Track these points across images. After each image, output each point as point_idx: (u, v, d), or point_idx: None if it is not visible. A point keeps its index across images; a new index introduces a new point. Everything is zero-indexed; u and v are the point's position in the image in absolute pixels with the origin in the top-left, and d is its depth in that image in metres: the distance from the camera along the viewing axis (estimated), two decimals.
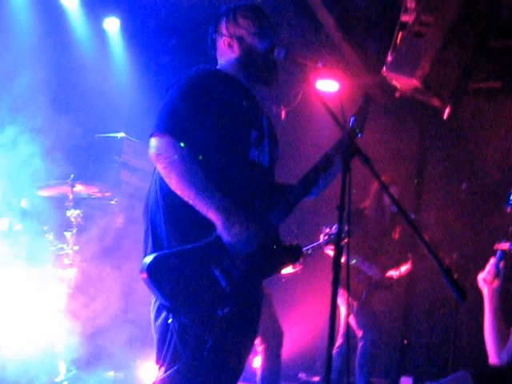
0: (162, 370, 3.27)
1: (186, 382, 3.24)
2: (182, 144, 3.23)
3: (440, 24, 6.36)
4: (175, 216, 3.32)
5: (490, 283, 4.08)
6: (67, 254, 6.69)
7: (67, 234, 6.77)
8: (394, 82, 6.61)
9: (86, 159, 7.68)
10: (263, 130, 3.55)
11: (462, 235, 8.37)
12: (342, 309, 7.00)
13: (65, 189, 6.87)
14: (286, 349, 6.14)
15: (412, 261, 7.57)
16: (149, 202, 3.45)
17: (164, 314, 3.24)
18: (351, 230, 3.16)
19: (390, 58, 6.47)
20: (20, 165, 6.49)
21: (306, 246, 6.26)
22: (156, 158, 3.27)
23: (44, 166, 6.61)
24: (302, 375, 8.84)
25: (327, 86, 7.99)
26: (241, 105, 3.48)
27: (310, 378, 8.68)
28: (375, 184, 7.19)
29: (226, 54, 3.64)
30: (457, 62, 6.47)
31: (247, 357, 3.56)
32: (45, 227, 6.62)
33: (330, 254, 6.48)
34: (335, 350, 7.07)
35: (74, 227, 6.79)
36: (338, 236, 3.01)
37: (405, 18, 6.59)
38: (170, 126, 3.28)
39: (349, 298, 6.89)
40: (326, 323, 2.94)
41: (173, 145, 3.23)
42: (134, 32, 8.76)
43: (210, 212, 3.18)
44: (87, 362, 6.39)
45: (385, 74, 6.49)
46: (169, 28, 8.48)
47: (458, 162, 8.80)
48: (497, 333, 4.06)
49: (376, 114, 3.55)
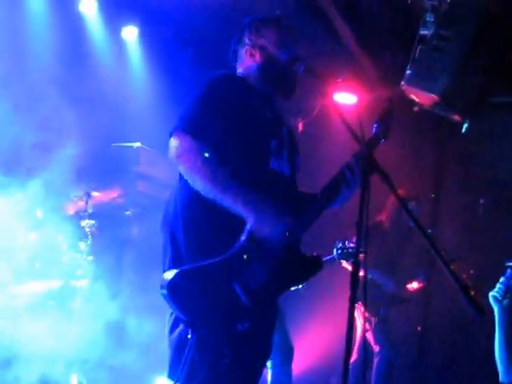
0: None
1: None
2: (202, 145, 3.20)
3: (459, 38, 6.32)
4: (195, 227, 3.29)
5: (501, 301, 4.05)
6: (81, 264, 6.67)
7: (81, 244, 6.76)
8: (412, 96, 6.58)
9: (102, 169, 7.66)
10: (283, 139, 3.53)
11: (479, 251, 8.30)
12: (359, 323, 6.95)
13: (80, 202, 6.87)
14: (300, 364, 6.10)
15: (427, 276, 7.52)
16: (167, 213, 3.43)
17: (181, 327, 3.23)
18: (367, 246, 3.12)
19: (408, 71, 6.43)
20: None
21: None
22: (178, 159, 3.25)
23: (60, 176, 6.63)
24: None
25: (345, 98, 7.96)
26: (260, 112, 3.47)
27: None
28: (392, 197, 7.15)
29: (247, 62, 3.65)
30: (476, 76, 6.43)
31: (262, 372, 3.53)
32: (59, 237, 6.61)
33: (348, 268, 6.44)
34: (350, 366, 6.99)
35: (89, 237, 6.78)
36: (357, 251, 2.99)
37: (424, 31, 6.55)
38: (191, 126, 3.26)
39: (366, 313, 6.85)
40: (341, 338, 2.92)
41: (195, 145, 3.20)
42: (152, 41, 8.76)
43: (241, 207, 3.16)
44: (97, 374, 6.36)
45: (403, 87, 6.46)
46: (187, 37, 8.48)
47: (475, 177, 8.73)
48: (508, 351, 4.02)
49: (394, 127, 3.50)
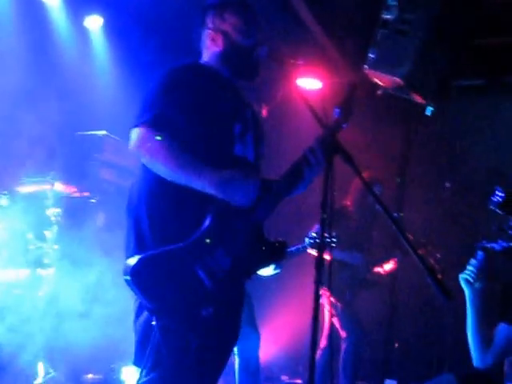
0: (144, 372, 3.23)
1: None
2: (160, 135, 3.20)
3: (422, 21, 6.34)
4: (158, 214, 3.29)
5: (472, 284, 4.07)
6: (47, 252, 6.62)
7: (47, 233, 6.71)
8: (375, 80, 6.59)
9: (66, 156, 7.61)
10: (247, 123, 3.54)
11: (445, 234, 8.36)
12: (326, 310, 6.98)
13: (44, 186, 6.82)
14: (268, 351, 6.11)
15: (396, 259, 7.56)
16: (131, 200, 3.42)
17: (145, 313, 3.22)
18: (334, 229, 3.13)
19: (371, 55, 6.44)
20: None
21: (289, 248, 6.22)
22: (137, 149, 3.26)
23: (24, 163, 6.58)
24: (284, 377, 8.80)
25: (309, 83, 7.96)
26: (222, 98, 3.47)
27: (293, 381, 8.64)
28: (356, 181, 7.15)
29: (210, 47, 3.64)
30: (440, 60, 6.46)
31: (228, 358, 3.53)
32: (24, 225, 6.55)
33: (313, 254, 6.45)
34: (319, 352, 7.03)
35: (54, 226, 6.73)
36: (321, 235, 2.99)
37: (386, 15, 6.56)
38: (150, 118, 3.25)
39: (332, 299, 6.88)
40: (309, 325, 2.92)
41: (153, 134, 3.20)
42: (116, 30, 8.69)
43: (205, 186, 3.17)
44: (66, 363, 6.34)
45: (366, 71, 6.47)
46: (150, 26, 8.43)
47: (442, 161, 8.79)
48: (480, 334, 4.05)
49: (358, 111, 3.51)
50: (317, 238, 6.30)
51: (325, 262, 3.05)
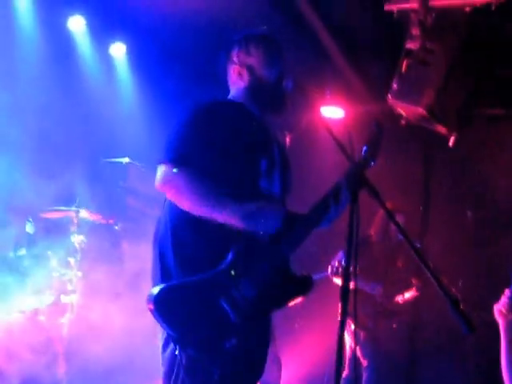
0: None
1: None
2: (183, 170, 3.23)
3: (445, 51, 6.37)
4: (183, 246, 3.30)
5: (506, 315, 4.01)
6: (70, 279, 6.66)
7: (71, 260, 6.75)
8: (399, 110, 6.61)
9: (91, 184, 7.67)
10: (274, 158, 3.55)
11: (468, 262, 8.31)
12: (348, 339, 6.95)
13: (69, 213, 6.87)
14: (290, 380, 6.07)
15: (416, 287, 7.52)
16: (158, 231, 3.44)
17: (171, 345, 3.21)
18: (358, 261, 3.13)
19: (395, 85, 6.46)
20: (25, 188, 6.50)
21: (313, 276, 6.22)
22: (163, 187, 3.28)
23: (49, 190, 6.63)
24: None
25: (332, 112, 7.99)
26: (250, 134, 3.47)
27: None
28: (381, 211, 7.17)
29: (237, 82, 3.66)
30: (462, 90, 6.48)
31: None
32: (49, 252, 6.60)
33: (338, 283, 6.46)
34: (342, 381, 6.97)
35: (78, 253, 6.77)
36: (347, 266, 3.00)
37: (410, 45, 6.59)
38: (176, 155, 3.28)
39: (356, 328, 6.84)
40: (331, 354, 2.91)
41: (179, 173, 3.23)
42: (140, 57, 8.79)
43: (230, 220, 3.20)
44: None
45: (390, 101, 6.49)
46: (174, 54, 8.50)
47: (463, 190, 8.76)
48: None
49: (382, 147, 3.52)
50: (340, 267, 6.31)
51: (350, 292, 3.05)
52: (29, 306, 6.31)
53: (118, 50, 8.80)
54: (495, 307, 4.02)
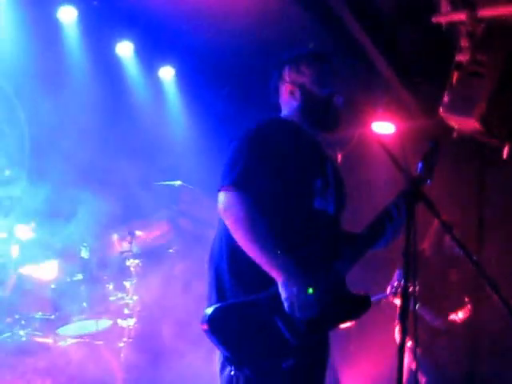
0: None
1: None
2: (247, 198, 3.22)
3: (495, 62, 6.28)
4: (239, 267, 3.30)
5: None
6: (127, 303, 6.69)
7: (127, 284, 6.79)
8: (451, 123, 6.53)
9: (144, 207, 7.72)
10: (328, 178, 3.53)
11: None
12: (405, 356, 6.85)
13: (123, 237, 6.91)
14: None
15: (469, 306, 7.40)
16: (213, 252, 3.45)
17: (229, 366, 3.19)
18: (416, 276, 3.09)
19: (446, 98, 6.39)
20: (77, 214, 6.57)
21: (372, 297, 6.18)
22: (224, 214, 3.29)
23: (103, 215, 6.68)
24: None
25: (383, 128, 7.93)
26: (305, 154, 3.48)
27: None
28: (434, 225, 7.09)
29: (289, 101, 3.67)
30: None
31: None
32: (105, 277, 6.64)
33: (396, 303, 6.40)
34: None
35: (134, 277, 6.81)
36: (405, 283, 2.96)
37: (459, 57, 6.52)
38: (236, 179, 3.29)
39: (410, 344, 6.76)
40: (389, 371, 2.87)
41: (239, 200, 3.24)
42: (189, 80, 8.85)
43: (272, 271, 3.16)
44: None
45: (441, 114, 6.42)
46: (222, 76, 8.55)
47: None
48: None
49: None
50: (399, 287, 6.24)
51: (409, 311, 3.01)
52: (86, 331, 6.35)
53: (167, 74, 8.87)
54: None
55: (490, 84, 6.23)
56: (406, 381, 7.05)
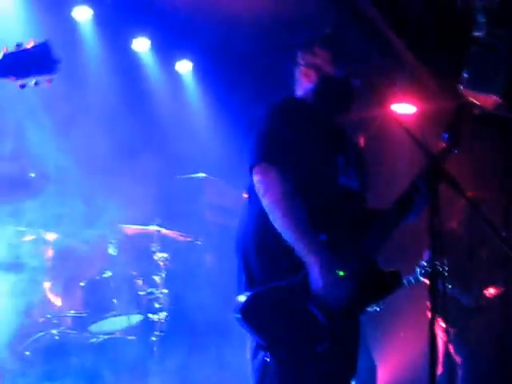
0: None
1: None
2: (286, 176, 3.20)
3: None
4: (267, 250, 3.30)
5: None
6: (157, 297, 6.72)
7: (156, 278, 6.81)
8: (471, 99, 6.49)
9: (168, 201, 7.74)
10: (349, 156, 3.53)
11: None
12: (440, 336, 6.82)
13: (150, 231, 6.93)
14: (385, 381, 6.01)
15: (503, 280, 7.35)
16: (239, 239, 3.45)
17: (261, 352, 3.20)
18: (443, 255, 3.08)
19: (465, 75, 6.35)
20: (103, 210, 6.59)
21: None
22: (263, 194, 3.26)
23: (128, 211, 6.71)
24: None
25: (404, 109, 7.90)
26: (324, 131, 3.47)
27: None
28: (461, 203, 7.04)
29: (304, 83, 3.67)
30: None
31: None
32: (133, 272, 6.67)
33: (426, 282, 6.38)
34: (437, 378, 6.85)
35: (163, 270, 6.83)
36: (433, 262, 2.95)
37: (476, 33, 6.47)
38: (267, 156, 3.28)
39: (444, 324, 6.73)
40: (424, 352, 2.87)
41: (278, 180, 3.22)
42: (206, 72, 8.85)
43: (308, 256, 3.14)
44: None
45: (461, 91, 6.37)
46: (240, 64, 8.53)
47: None
48: None
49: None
50: (427, 267, 6.21)
51: (438, 289, 3.00)
52: (118, 327, 6.39)
53: (184, 67, 8.88)
54: None
55: (507, 57, 6.19)
56: (441, 361, 7.03)
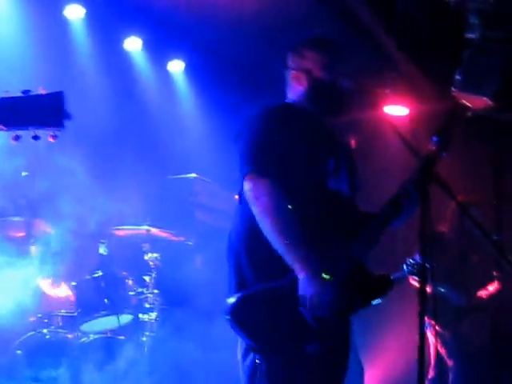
0: None
1: None
2: (276, 186, 3.20)
3: (506, 38, 6.24)
4: (259, 254, 3.31)
5: None
6: (147, 297, 6.71)
7: (147, 278, 6.81)
8: (464, 102, 6.49)
9: (159, 201, 7.73)
10: (340, 158, 3.52)
11: None
12: (431, 339, 6.83)
13: (141, 232, 6.93)
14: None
15: (498, 279, 7.35)
16: (231, 242, 3.45)
17: (252, 354, 3.21)
18: (433, 258, 3.08)
19: (458, 77, 6.36)
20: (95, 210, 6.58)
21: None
22: (252, 202, 3.26)
23: (119, 211, 6.70)
24: None
25: (395, 110, 7.90)
26: (315, 135, 3.46)
27: None
28: (452, 205, 7.05)
29: (295, 87, 3.67)
30: None
31: None
32: (124, 272, 6.66)
33: (415, 284, 6.38)
34: (427, 382, 6.86)
35: (153, 270, 6.82)
36: (423, 264, 2.95)
37: (469, 35, 6.48)
38: (260, 164, 3.28)
39: (437, 327, 6.73)
40: (415, 356, 2.86)
41: (268, 189, 3.22)
42: (198, 72, 8.85)
43: (295, 264, 3.14)
44: None
45: (454, 93, 6.38)
46: (231, 65, 8.53)
47: None
48: None
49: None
50: (415, 265, 6.22)
51: (428, 292, 3.00)
52: (109, 327, 6.38)
53: (176, 67, 8.87)
54: None
55: (500, 60, 6.20)
56: (433, 366, 7.03)
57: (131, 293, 6.61)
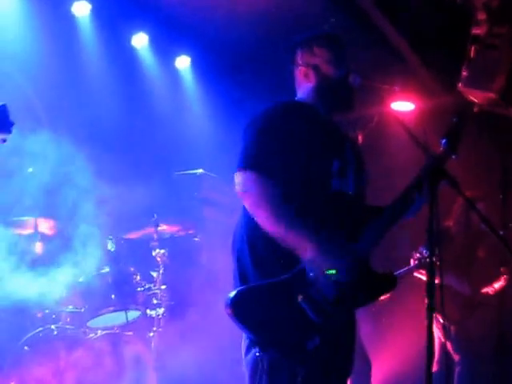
0: None
1: None
2: (263, 177, 3.21)
3: None
4: (260, 250, 3.32)
5: None
6: (155, 293, 6.73)
7: (154, 274, 6.82)
8: (471, 97, 6.49)
9: (166, 197, 7.74)
10: (346, 158, 3.52)
11: None
12: (437, 333, 6.83)
13: (149, 229, 6.94)
14: (380, 378, 6.00)
15: (505, 276, 7.35)
16: (235, 238, 3.47)
17: (254, 349, 3.22)
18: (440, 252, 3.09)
19: (464, 72, 6.35)
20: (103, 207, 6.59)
21: (396, 272, 6.16)
22: (242, 195, 3.29)
23: (126, 207, 6.70)
24: None
25: (402, 106, 7.89)
26: (321, 136, 3.46)
27: None
28: (459, 201, 7.06)
29: (303, 83, 3.67)
30: None
31: None
32: (131, 268, 6.68)
33: (422, 278, 6.38)
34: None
35: (161, 266, 6.84)
36: (430, 259, 2.96)
37: (476, 30, 6.47)
38: (253, 161, 3.29)
39: (443, 321, 6.73)
40: (420, 349, 2.87)
41: (258, 180, 3.23)
42: (205, 68, 8.86)
43: (299, 245, 3.15)
44: None
45: (461, 89, 6.38)
46: (239, 62, 8.54)
47: None
48: None
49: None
50: (421, 259, 6.23)
51: (435, 286, 3.00)
52: (116, 323, 6.40)
53: (183, 63, 8.89)
54: None
55: (508, 56, 6.19)
56: (437, 360, 7.03)
57: (139, 289, 6.61)
